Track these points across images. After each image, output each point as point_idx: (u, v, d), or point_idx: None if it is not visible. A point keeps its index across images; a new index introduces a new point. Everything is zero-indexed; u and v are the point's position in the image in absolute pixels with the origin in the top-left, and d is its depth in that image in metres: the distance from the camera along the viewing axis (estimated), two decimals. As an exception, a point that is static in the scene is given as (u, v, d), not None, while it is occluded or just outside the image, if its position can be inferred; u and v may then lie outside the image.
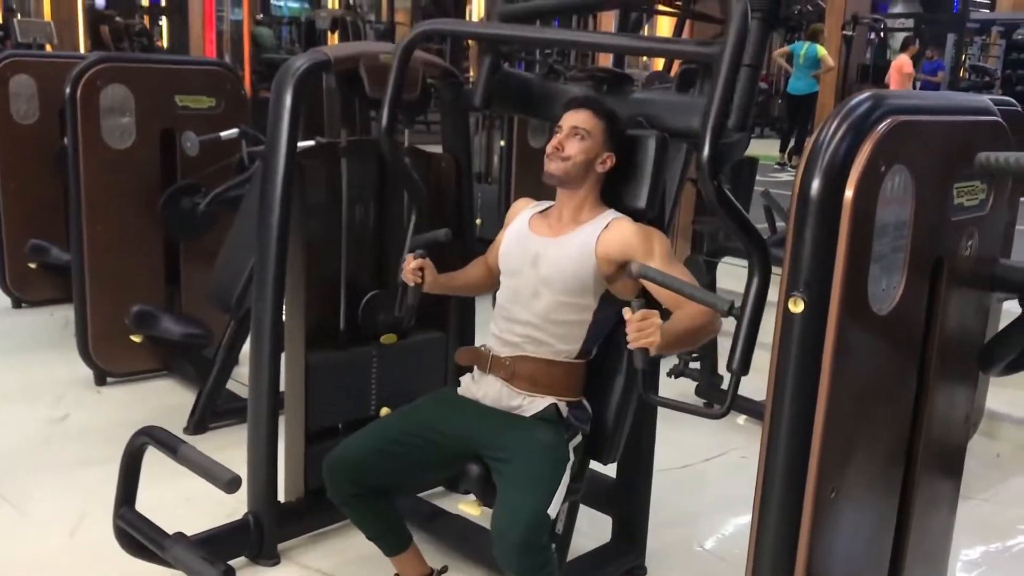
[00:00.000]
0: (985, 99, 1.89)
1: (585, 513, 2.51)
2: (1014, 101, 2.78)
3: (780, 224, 4.44)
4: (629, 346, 1.93)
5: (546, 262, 2.20)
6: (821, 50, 10.71)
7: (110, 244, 3.83)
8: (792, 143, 11.23)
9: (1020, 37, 15.83)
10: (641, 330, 1.90)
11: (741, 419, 3.94)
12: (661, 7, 2.61)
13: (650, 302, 2.10)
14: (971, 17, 16.65)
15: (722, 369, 4.05)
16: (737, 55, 1.80)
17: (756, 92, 2.01)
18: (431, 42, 2.49)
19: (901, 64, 11.62)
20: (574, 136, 2.19)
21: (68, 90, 3.69)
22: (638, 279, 2.10)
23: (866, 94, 1.52)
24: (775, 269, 1.69)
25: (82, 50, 11.44)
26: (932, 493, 1.88)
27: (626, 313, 1.92)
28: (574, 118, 2.21)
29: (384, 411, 2.80)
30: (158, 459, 2.18)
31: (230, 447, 2.79)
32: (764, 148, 10.96)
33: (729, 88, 1.80)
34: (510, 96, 2.55)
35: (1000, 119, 1.79)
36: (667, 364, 3.87)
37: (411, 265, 2.34)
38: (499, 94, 2.50)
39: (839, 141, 1.45)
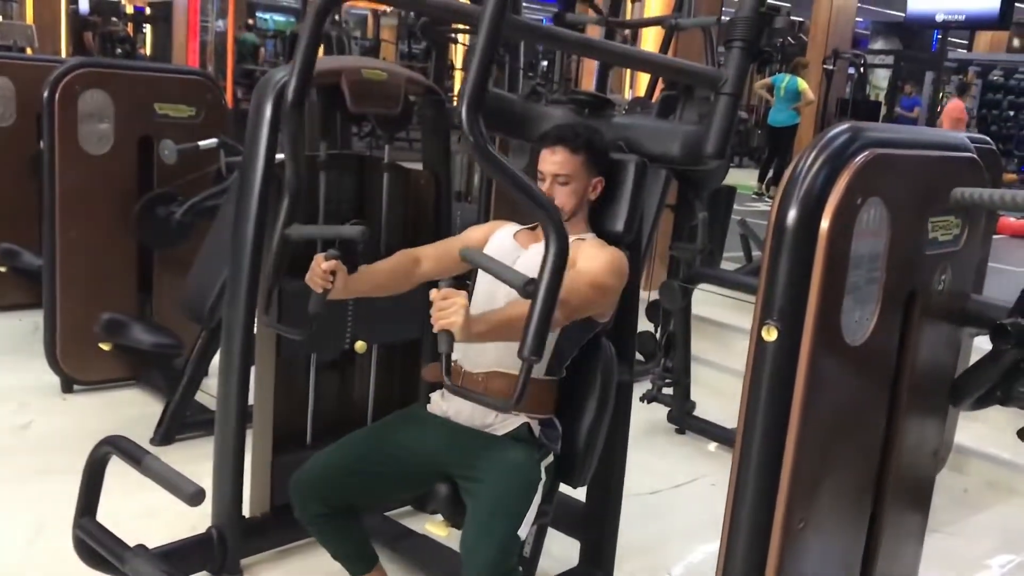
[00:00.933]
0: (961, 136, 1.91)
1: (553, 536, 2.50)
2: (989, 139, 2.82)
3: (756, 253, 4.47)
4: (433, 329, 1.82)
5: (521, 267, 2.19)
6: (802, 83, 10.83)
7: (83, 250, 3.79)
8: (771, 174, 11.32)
9: (995, 78, 16.08)
10: (442, 309, 1.80)
11: (712, 446, 3.94)
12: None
13: (619, 322, 2.09)
14: (949, 56, 16.90)
15: (695, 396, 4.06)
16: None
17: (735, 120, 2.03)
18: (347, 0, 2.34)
19: (953, 108, 11.66)
20: (558, 184, 2.19)
21: (46, 94, 3.66)
22: (465, 261, 2.04)
23: (844, 126, 1.54)
24: (750, 298, 1.68)
25: (63, 55, 11.37)
26: (900, 525, 1.88)
27: (432, 294, 1.82)
28: (552, 163, 2.19)
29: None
30: (122, 470, 2.14)
31: (197, 459, 2.75)
32: (743, 178, 11.05)
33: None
34: (492, 115, 2.54)
35: (975, 156, 1.81)
36: (639, 389, 3.87)
37: (322, 266, 2.08)
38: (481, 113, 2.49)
39: (816, 172, 1.46)
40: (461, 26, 2.87)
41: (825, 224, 1.43)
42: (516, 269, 2.11)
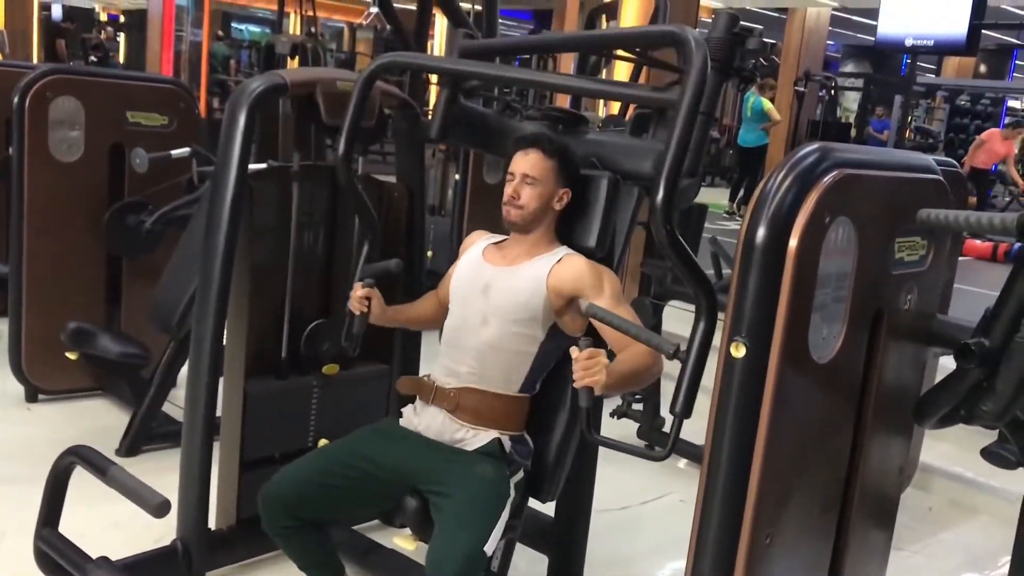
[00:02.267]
0: (928, 158, 1.94)
1: (521, 551, 2.49)
2: (955, 162, 2.87)
3: (727, 271, 4.50)
4: (575, 384, 1.92)
5: (497, 291, 2.21)
6: (766, 103, 10.92)
7: (50, 258, 3.75)
8: (742, 193, 11.42)
9: (963, 102, 16.36)
10: (587, 368, 1.89)
11: (682, 463, 3.96)
12: (619, 52, 2.64)
13: (597, 341, 2.11)
14: (918, 80, 17.17)
15: (664, 411, 4.07)
16: (695, 102, 1.82)
17: (707, 139, 2.04)
18: (391, 74, 2.51)
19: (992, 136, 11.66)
20: (526, 183, 2.21)
21: (16, 100, 3.62)
22: (586, 317, 2.11)
23: (814, 146, 1.56)
24: (720, 315, 1.71)
25: (35, 61, 11.27)
26: (865, 543, 1.89)
27: (573, 352, 1.92)
28: (524, 163, 2.22)
29: (322, 442, 2.75)
30: (87, 480, 2.12)
31: (163, 471, 2.72)
32: (714, 196, 11.14)
33: (686, 134, 1.82)
34: (466, 130, 2.56)
35: (941, 178, 1.84)
36: (610, 404, 3.88)
37: (359, 294, 2.33)
38: (456, 127, 2.51)
39: (786, 190, 1.48)
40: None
41: (794, 242, 1.45)
42: (491, 295, 2.15)
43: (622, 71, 5.80)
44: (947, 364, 1.99)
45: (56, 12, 18.31)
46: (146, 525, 2.38)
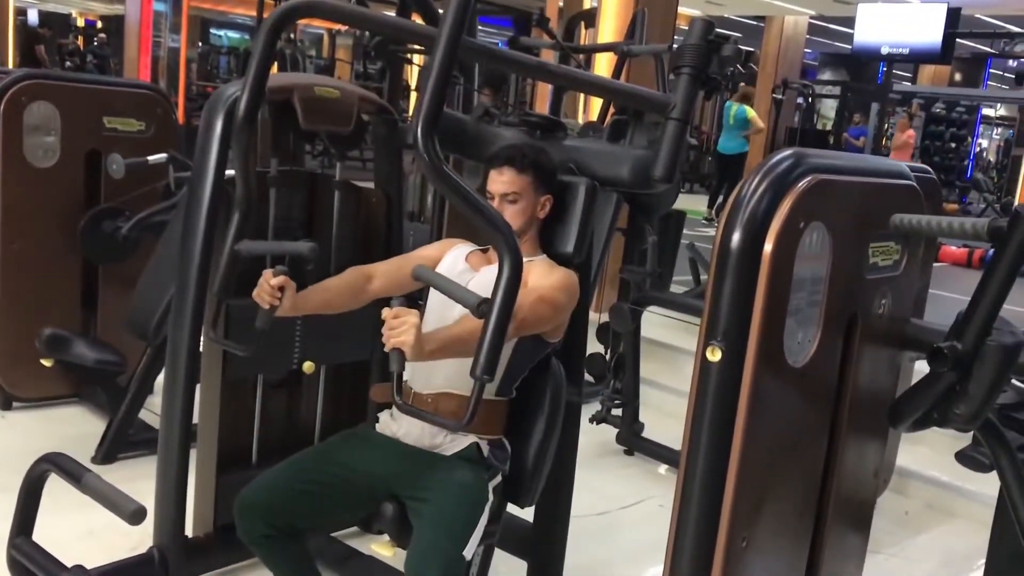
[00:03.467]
0: (901, 164, 1.96)
1: (500, 557, 2.49)
2: (929, 168, 2.90)
3: (704, 276, 4.53)
4: (385, 348, 1.84)
5: (473, 288, 2.20)
6: (750, 111, 11.02)
7: (25, 264, 3.71)
8: (720, 200, 11.49)
9: (938, 110, 16.55)
10: (393, 328, 1.81)
11: (662, 468, 3.97)
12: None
13: (570, 343, 2.11)
14: (894, 88, 17.36)
15: (643, 417, 4.09)
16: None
17: (683, 145, 2.06)
18: (300, 19, 2.19)
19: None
20: (507, 202, 2.21)
21: (-9, 105, 3.59)
22: (418, 279, 2.07)
23: (788, 151, 1.57)
24: (699, 320, 1.71)
25: (11, 66, 11.18)
26: (841, 546, 1.91)
27: (384, 312, 1.84)
28: (500, 183, 2.21)
29: (307, 366, 2.73)
30: (62, 488, 2.10)
31: (140, 478, 2.69)
32: (693, 203, 11.19)
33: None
34: (445, 136, 2.55)
35: (915, 184, 1.86)
36: (588, 411, 3.88)
37: (272, 283, 2.05)
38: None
39: (760, 196, 1.49)
40: (416, 46, 2.88)
41: (768, 247, 1.46)
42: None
43: (603, 68, 5.82)
44: (923, 368, 2.01)
45: (32, 17, 18.19)
46: (122, 533, 2.36)
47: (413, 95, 10.91)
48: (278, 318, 2.12)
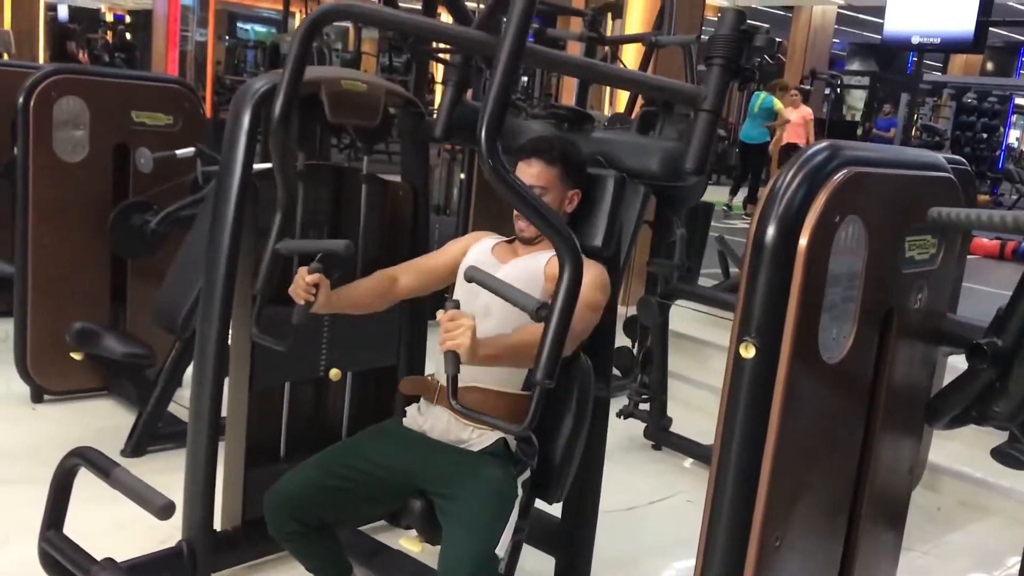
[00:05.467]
0: (938, 156, 1.92)
1: (528, 552, 2.48)
2: (964, 160, 2.84)
3: (734, 269, 4.49)
4: (439, 349, 1.85)
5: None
6: (777, 103, 10.88)
7: (55, 258, 3.74)
8: (746, 191, 11.38)
9: (969, 100, 16.32)
10: (449, 331, 1.83)
11: (688, 462, 3.94)
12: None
13: (600, 337, 2.08)
14: (924, 78, 17.14)
15: (672, 411, 4.06)
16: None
17: (714, 137, 2.03)
18: (337, 21, 2.21)
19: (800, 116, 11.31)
20: None
21: (21, 100, 3.62)
22: (470, 281, 2.02)
23: (823, 144, 1.54)
24: (727, 314, 1.68)
25: (41, 61, 11.29)
26: (875, 544, 1.88)
27: (439, 315, 1.85)
28: (528, 175, 2.20)
29: (333, 373, 2.72)
30: (92, 481, 2.11)
31: (169, 471, 2.71)
32: (719, 195, 11.10)
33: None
34: (471, 129, 2.53)
35: (952, 176, 1.82)
36: (616, 404, 3.86)
37: (307, 279, 2.10)
38: (460, 126, 2.50)
39: (795, 189, 1.46)
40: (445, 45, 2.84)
41: (803, 242, 1.43)
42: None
43: (631, 59, 5.77)
44: (955, 363, 1.97)
45: (62, 13, 18.35)
46: (151, 526, 2.37)
47: (439, 88, 10.89)
48: (311, 313, 2.16)
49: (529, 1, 1.65)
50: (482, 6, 3.10)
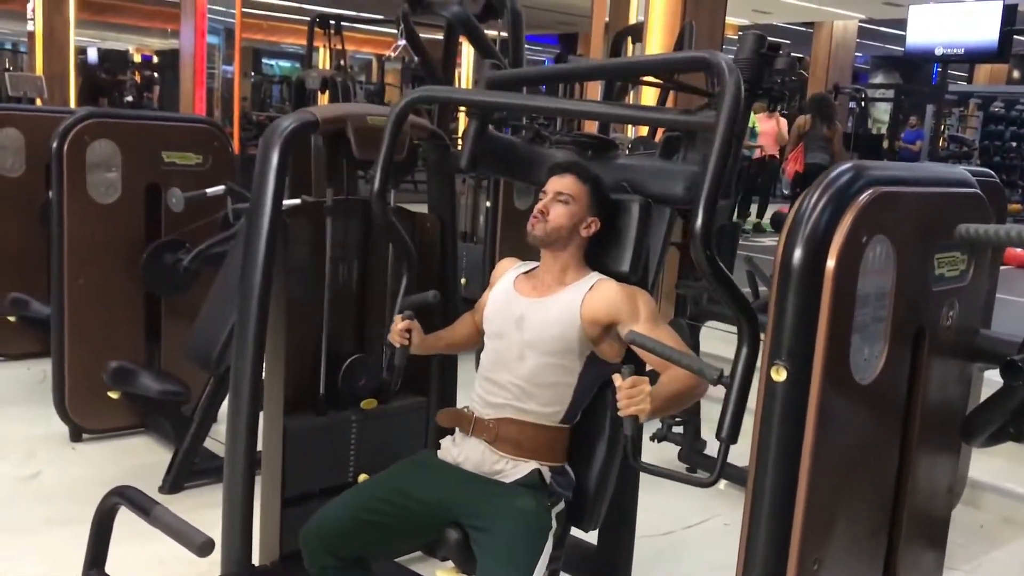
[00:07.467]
0: (964, 171, 1.91)
1: (565, 580, 2.47)
2: (992, 172, 2.83)
3: (763, 289, 4.47)
4: (620, 413, 1.90)
5: (530, 324, 2.20)
6: (753, 117, 10.71)
7: (91, 298, 3.81)
8: (755, 207, 11.37)
9: (997, 109, 16.16)
10: (631, 397, 1.87)
11: (722, 484, 3.90)
12: (646, 78, 2.64)
13: (638, 366, 2.09)
14: (949, 89, 17.02)
15: (705, 434, 4.03)
16: (731, 125, 1.79)
17: (738, 160, 2.03)
18: (423, 107, 2.54)
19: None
20: (558, 201, 2.21)
21: (55, 144, 3.70)
22: (627, 344, 2.09)
23: (847, 164, 1.54)
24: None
25: (72, 104, 11.50)
26: (916, 564, 1.86)
27: (616, 380, 1.90)
28: (559, 183, 2.23)
29: (362, 477, 2.75)
30: (132, 518, 2.13)
31: (206, 507, 2.74)
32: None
33: (723, 158, 1.79)
34: (496, 159, 2.57)
35: (979, 191, 1.81)
36: (650, 428, 3.84)
37: (399, 326, 2.32)
38: (485, 157, 2.52)
39: (821, 211, 1.46)
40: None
41: (831, 263, 1.44)
42: (525, 329, 2.18)
43: (648, 94, 5.79)
44: (992, 378, 1.95)
45: (92, 55, 18.71)
46: (191, 561, 2.38)
47: (462, 118, 10.96)
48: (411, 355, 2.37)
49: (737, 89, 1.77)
50: (503, 35, 3.15)
